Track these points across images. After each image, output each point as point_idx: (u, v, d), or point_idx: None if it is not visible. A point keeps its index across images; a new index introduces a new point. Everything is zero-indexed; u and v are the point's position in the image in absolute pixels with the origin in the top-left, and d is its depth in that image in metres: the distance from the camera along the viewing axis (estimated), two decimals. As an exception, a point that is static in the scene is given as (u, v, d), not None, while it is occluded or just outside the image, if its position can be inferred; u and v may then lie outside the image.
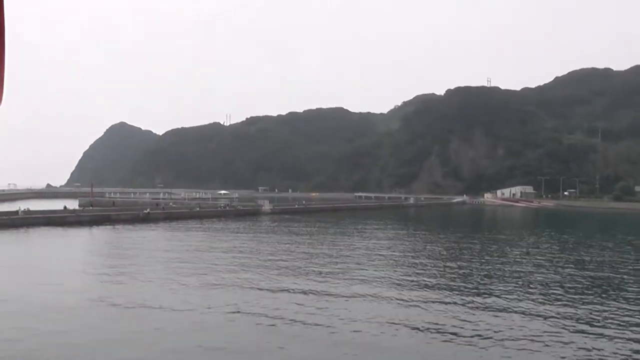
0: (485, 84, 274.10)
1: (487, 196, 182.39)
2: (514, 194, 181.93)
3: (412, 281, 28.56)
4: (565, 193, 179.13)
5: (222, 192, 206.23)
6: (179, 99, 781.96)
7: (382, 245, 47.58)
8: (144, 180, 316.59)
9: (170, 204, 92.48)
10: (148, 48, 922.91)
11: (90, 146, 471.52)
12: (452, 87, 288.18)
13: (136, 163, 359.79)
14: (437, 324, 19.64)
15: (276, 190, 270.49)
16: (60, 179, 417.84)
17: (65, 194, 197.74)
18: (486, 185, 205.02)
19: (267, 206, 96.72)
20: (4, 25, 1.70)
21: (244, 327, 19.07)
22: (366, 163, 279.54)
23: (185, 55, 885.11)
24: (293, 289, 25.70)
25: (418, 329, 19.01)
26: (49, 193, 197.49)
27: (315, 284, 27.27)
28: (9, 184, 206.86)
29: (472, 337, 18.11)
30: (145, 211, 75.92)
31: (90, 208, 77.68)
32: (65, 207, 74.77)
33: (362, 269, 32.32)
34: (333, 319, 20.03)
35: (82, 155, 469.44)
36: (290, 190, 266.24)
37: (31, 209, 69.26)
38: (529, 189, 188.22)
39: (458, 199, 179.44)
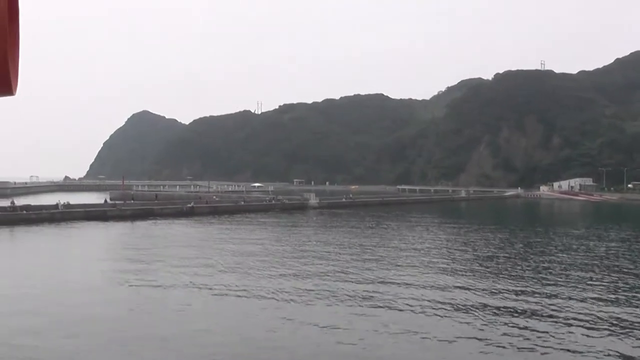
0: (537, 67, 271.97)
1: (543, 189, 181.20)
2: (572, 187, 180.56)
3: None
4: (629, 185, 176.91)
5: (256, 184, 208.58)
6: (204, 85, 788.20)
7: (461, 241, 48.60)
8: (170, 172, 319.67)
9: (214, 197, 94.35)
10: (170, 31, 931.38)
11: (110, 136, 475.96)
12: (500, 71, 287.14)
13: (161, 154, 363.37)
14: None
15: (312, 183, 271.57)
16: (78, 171, 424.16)
17: (89, 187, 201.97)
18: (540, 177, 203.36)
19: (313, 200, 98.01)
20: (19, 17, 1.82)
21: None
22: (409, 154, 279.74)
23: (211, 40, 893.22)
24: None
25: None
26: (72, 186, 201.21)
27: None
28: (31, 176, 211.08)
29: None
30: (189, 205, 77.83)
31: (132, 202, 79.81)
32: (106, 201, 77.05)
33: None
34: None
35: (101, 145, 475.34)
36: (327, 183, 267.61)
37: (71, 202, 71.45)
38: (589, 181, 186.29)
39: (511, 191, 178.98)
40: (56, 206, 66.35)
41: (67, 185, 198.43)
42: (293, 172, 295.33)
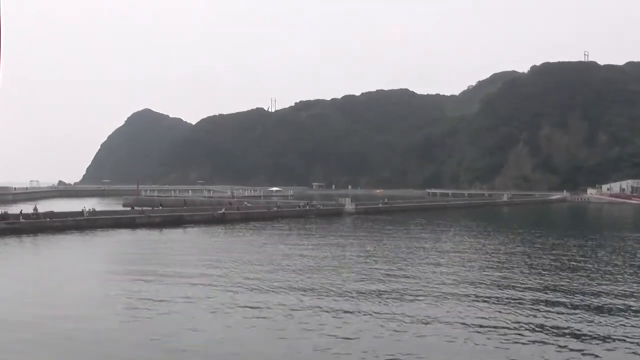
0: (578, 59, 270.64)
1: (591, 192, 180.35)
2: (622, 189, 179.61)
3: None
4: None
5: (274, 189, 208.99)
6: (211, 82, 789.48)
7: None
8: (177, 176, 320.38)
9: (245, 203, 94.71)
10: (174, 25, 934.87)
11: (108, 137, 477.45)
12: (537, 64, 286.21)
13: (165, 156, 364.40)
14: None
15: (333, 186, 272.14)
16: (72, 175, 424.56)
17: (94, 192, 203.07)
18: (585, 179, 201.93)
19: (349, 205, 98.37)
20: None
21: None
22: (438, 154, 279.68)
23: (218, 34, 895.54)
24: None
25: None
26: (74, 191, 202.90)
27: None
28: (31, 180, 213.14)
29: None
30: (220, 211, 78.19)
31: (160, 208, 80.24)
32: (132, 208, 77.67)
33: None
34: None
35: (99, 147, 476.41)
36: (350, 187, 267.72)
37: (96, 209, 72.09)
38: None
39: (557, 195, 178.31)
40: (81, 213, 66.89)
41: (68, 191, 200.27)
42: (312, 174, 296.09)
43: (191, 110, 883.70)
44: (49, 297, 27.66)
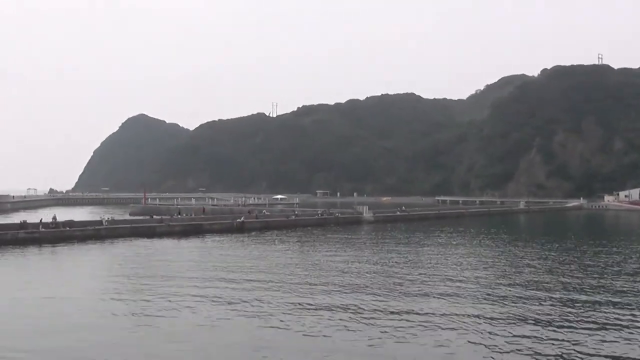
0: (589, 62, 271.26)
1: (609, 199, 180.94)
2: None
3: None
4: None
5: (279, 197, 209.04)
6: (209, 87, 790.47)
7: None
8: (174, 183, 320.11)
9: (264, 211, 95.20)
10: (169, 28, 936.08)
11: (102, 143, 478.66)
12: (547, 67, 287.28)
13: (162, 163, 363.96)
14: None
15: (338, 194, 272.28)
16: (63, 182, 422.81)
17: (93, 200, 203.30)
18: (601, 186, 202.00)
19: (367, 213, 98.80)
20: None
21: None
22: (446, 161, 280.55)
23: (215, 37, 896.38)
24: None
25: None
26: (72, 199, 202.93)
27: None
28: (29, 188, 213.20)
29: None
30: (239, 220, 78.45)
31: (179, 216, 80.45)
32: (152, 217, 77.95)
33: None
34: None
35: (92, 154, 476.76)
36: (355, 195, 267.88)
37: (116, 218, 72.46)
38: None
39: (574, 202, 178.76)
40: (100, 222, 67.25)
41: (67, 199, 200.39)
42: (315, 182, 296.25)
43: (188, 116, 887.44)
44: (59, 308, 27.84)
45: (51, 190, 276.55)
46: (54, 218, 65.77)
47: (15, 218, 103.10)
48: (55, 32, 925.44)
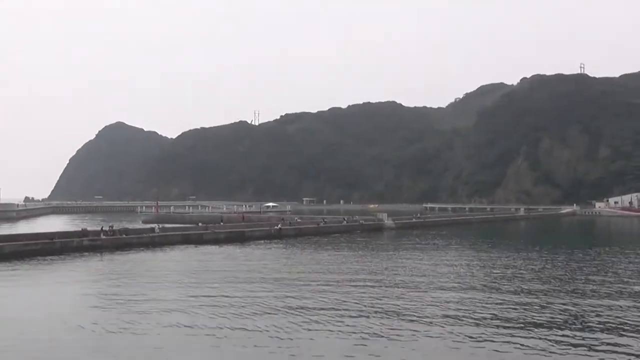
0: (563, 70, 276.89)
1: (600, 205, 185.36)
2: (630, 203, 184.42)
3: None
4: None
5: (270, 204, 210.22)
6: (186, 94, 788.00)
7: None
8: (158, 191, 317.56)
9: (296, 219, 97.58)
10: (145, 33, 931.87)
11: (77, 151, 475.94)
12: (527, 76, 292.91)
13: (143, 171, 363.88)
14: None
15: (325, 201, 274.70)
16: (36, 190, 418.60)
17: (87, 209, 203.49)
18: (588, 193, 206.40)
19: (388, 220, 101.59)
20: None
21: None
22: (433, 168, 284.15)
23: (190, 43, 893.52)
24: None
25: None
26: (67, 208, 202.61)
27: None
28: (26, 197, 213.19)
29: None
30: (277, 227, 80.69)
31: (222, 224, 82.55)
32: (199, 224, 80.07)
33: None
34: None
35: (67, 162, 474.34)
36: (342, 202, 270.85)
37: (167, 226, 74.54)
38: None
39: (567, 209, 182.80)
40: (152, 230, 69.13)
41: (63, 207, 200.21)
42: (302, 189, 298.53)
43: (165, 124, 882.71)
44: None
45: (26, 199, 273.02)
46: (111, 226, 67.50)
47: (22, 226, 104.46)
48: (26, 35, 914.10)
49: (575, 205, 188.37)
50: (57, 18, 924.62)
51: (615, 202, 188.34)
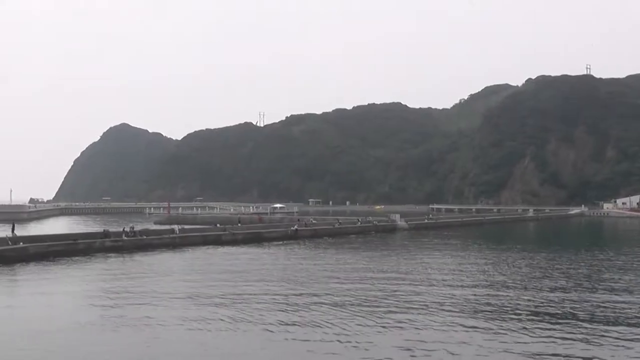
0: (568, 70, 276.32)
1: (608, 206, 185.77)
2: (638, 204, 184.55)
3: None
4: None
5: (278, 205, 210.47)
6: (191, 96, 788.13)
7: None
8: (163, 193, 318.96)
9: (312, 220, 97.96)
10: (153, 34, 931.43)
11: (82, 153, 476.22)
12: (532, 77, 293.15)
13: (148, 173, 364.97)
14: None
15: (330, 203, 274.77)
16: (41, 192, 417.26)
17: (96, 210, 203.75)
18: (594, 194, 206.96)
19: (401, 221, 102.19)
20: None
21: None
22: (438, 169, 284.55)
23: (196, 46, 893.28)
24: None
25: None
26: (77, 209, 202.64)
27: None
28: (31, 198, 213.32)
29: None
30: (293, 228, 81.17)
31: (239, 225, 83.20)
32: (217, 225, 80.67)
33: None
34: None
35: (72, 163, 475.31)
36: (348, 203, 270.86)
37: (186, 227, 75.25)
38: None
39: (576, 210, 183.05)
40: (173, 231, 69.67)
41: (71, 209, 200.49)
42: (307, 190, 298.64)
43: (170, 125, 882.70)
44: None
45: (31, 200, 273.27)
46: (132, 227, 67.95)
47: (33, 228, 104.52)
48: (34, 38, 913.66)
49: (583, 206, 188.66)
50: (63, 19, 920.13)
51: (623, 203, 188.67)
